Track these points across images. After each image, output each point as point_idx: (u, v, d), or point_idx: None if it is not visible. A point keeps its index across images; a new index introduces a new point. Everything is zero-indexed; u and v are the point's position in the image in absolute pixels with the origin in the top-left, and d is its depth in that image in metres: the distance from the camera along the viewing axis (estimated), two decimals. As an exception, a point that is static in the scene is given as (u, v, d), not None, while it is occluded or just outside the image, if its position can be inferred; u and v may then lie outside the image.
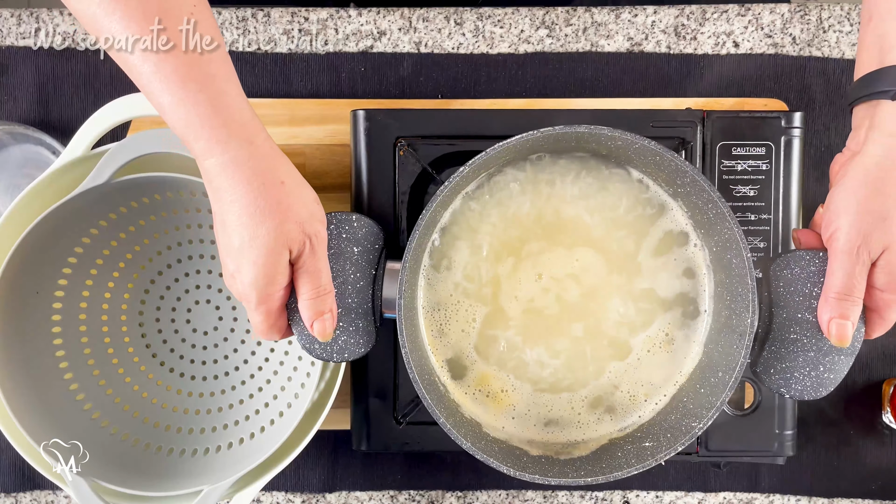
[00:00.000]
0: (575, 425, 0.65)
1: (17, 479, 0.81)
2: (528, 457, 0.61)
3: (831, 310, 0.55)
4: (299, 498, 0.81)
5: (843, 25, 0.80)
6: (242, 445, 0.73)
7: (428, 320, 0.65)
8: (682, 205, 0.64)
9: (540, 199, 0.65)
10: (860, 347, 0.57)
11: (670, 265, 0.65)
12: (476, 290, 0.65)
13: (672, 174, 0.61)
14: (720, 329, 0.63)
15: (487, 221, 0.65)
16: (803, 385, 0.57)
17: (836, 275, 0.55)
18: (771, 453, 0.71)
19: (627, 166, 0.65)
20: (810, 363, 0.57)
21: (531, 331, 0.65)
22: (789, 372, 0.57)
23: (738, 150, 0.70)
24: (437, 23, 0.81)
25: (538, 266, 0.65)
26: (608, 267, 0.65)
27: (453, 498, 0.81)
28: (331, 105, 0.79)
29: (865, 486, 0.81)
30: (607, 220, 0.65)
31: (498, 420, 0.65)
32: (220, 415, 0.76)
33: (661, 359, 0.65)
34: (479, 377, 0.65)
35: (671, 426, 0.61)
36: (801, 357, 0.57)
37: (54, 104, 0.80)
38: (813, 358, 0.57)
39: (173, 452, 0.73)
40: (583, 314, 0.65)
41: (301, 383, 0.74)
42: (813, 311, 0.56)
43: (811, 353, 0.57)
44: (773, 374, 0.58)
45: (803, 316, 0.57)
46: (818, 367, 0.57)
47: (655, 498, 0.81)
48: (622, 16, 0.81)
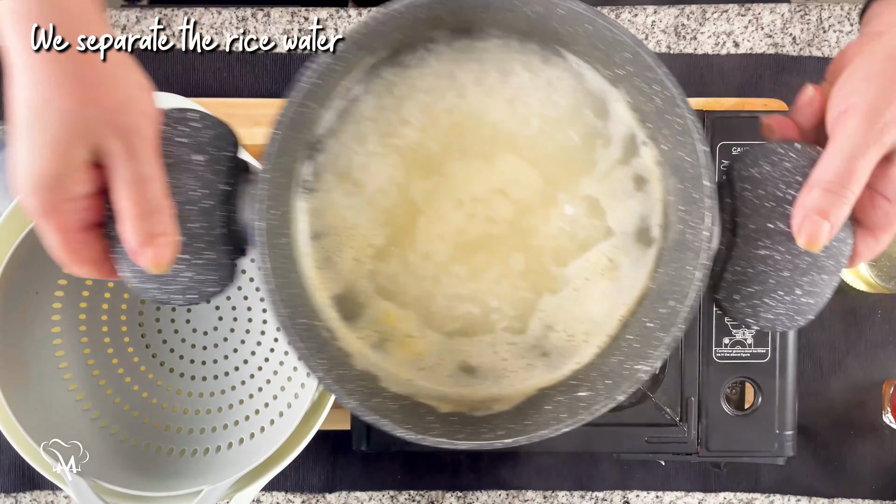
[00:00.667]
0: (499, 375, 0.52)
1: (17, 479, 0.81)
2: (434, 415, 0.50)
3: (812, 202, 0.42)
4: (299, 498, 0.81)
5: (843, 25, 0.80)
6: (242, 445, 0.73)
7: (312, 249, 0.52)
8: (626, 93, 0.51)
9: (450, 96, 0.52)
10: (847, 264, 0.45)
11: (616, 173, 0.52)
12: (376, 209, 0.52)
13: (609, 50, 0.48)
14: (673, 248, 0.51)
15: (386, 123, 0.51)
16: (775, 313, 0.46)
17: (834, 159, 0.42)
18: (771, 453, 0.71)
19: (557, 47, 0.51)
20: (784, 285, 0.45)
21: (445, 257, 0.52)
22: (758, 297, 0.45)
23: (738, 150, 0.70)
24: (437, 23, 0.81)
25: (453, 181, 0.52)
26: (543, 180, 0.52)
27: (453, 498, 0.81)
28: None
29: (865, 486, 0.81)
30: (538, 118, 0.52)
31: (403, 371, 0.52)
32: (220, 415, 0.76)
33: (604, 289, 0.52)
34: (378, 316, 0.52)
35: (612, 370, 0.50)
36: (773, 278, 0.45)
37: (54, 104, 0.80)
38: (787, 278, 0.45)
39: (173, 452, 0.73)
40: (510, 240, 0.52)
41: (301, 383, 0.74)
42: (787, 218, 0.44)
43: (785, 272, 0.45)
44: (737, 301, 0.46)
45: (775, 226, 0.45)
46: (794, 289, 0.45)
47: (655, 498, 0.81)
48: (622, 16, 0.81)
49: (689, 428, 0.71)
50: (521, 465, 0.81)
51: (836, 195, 0.42)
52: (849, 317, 0.80)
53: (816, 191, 0.43)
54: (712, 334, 0.71)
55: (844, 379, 0.80)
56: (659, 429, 0.71)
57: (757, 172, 0.45)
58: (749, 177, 0.45)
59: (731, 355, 0.71)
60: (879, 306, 0.80)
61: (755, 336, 0.71)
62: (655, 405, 0.71)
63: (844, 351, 0.80)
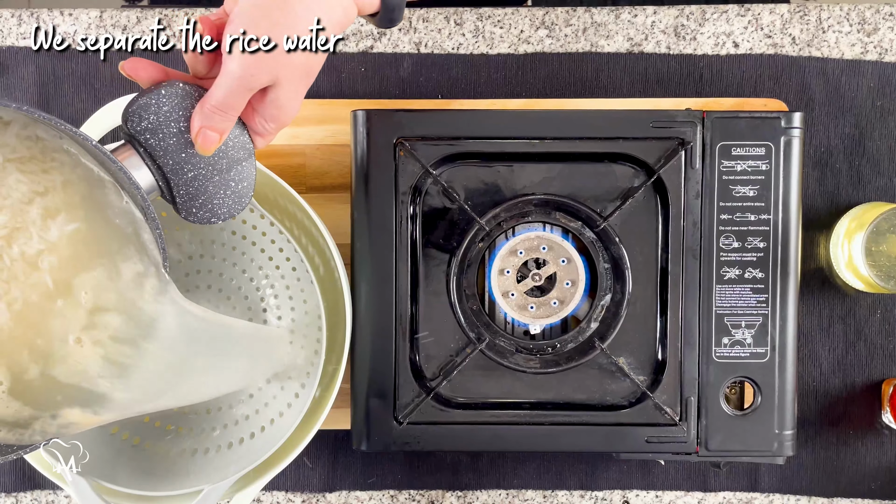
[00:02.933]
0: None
1: (18, 479, 0.81)
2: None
3: (203, 119, 0.54)
4: (299, 498, 0.81)
5: (843, 26, 0.80)
6: (242, 445, 0.73)
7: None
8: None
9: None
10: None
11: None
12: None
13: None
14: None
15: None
16: (228, 205, 0.58)
17: (220, 88, 0.53)
18: (770, 453, 0.71)
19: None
20: (220, 185, 0.57)
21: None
22: (209, 202, 0.57)
23: (737, 151, 0.70)
24: (437, 23, 0.81)
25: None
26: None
27: (453, 498, 0.81)
28: (331, 105, 0.79)
29: (865, 485, 0.81)
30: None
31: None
32: (220, 415, 0.76)
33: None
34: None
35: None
36: (210, 186, 0.57)
37: (54, 104, 0.80)
38: (219, 181, 0.57)
39: (173, 452, 0.73)
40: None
41: (301, 383, 0.74)
42: (192, 145, 0.55)
43: (215, 177, 0.57)
44: (196, 211, 0.57)
45: (188, 155, 0.55)
46: (228, 184, 0.57)
47: (655, 498, 0.81)
48: (622, 16, 0.81)
49: (688, 427, 0.71)
50: (521, 465, 0.81)
51: (222, 115, 0.54)
52: (849, 317, 0.80)
53: (207, 111, 0.54)
54: (712, 334, 0.71)
55: (844, 379, 0.80)
56: (659, 428, 0.71)
57: (155, 119, 0.55)
58: (149, 128, 0.55)
59: (730, 355, 0.71)
60: (879, 306, 0.80)
61: (755, 336, 0.71)
62: (655, 405, 0.71)
63: (844, 351, 0.80)
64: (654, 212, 0.71)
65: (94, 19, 0.80)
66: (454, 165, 0.71)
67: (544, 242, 0.71)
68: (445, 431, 0.71)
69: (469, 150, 0.71)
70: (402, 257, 0.71)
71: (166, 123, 0.55)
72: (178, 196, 0.57)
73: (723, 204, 0.70)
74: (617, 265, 0.72)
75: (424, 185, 0.71)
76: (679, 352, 0.71)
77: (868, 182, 0.80)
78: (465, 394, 0.72)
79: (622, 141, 0.70)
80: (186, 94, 0.55)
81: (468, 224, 0.71)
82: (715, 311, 0.71)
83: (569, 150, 0.71)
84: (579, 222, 0.72)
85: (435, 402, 0.71)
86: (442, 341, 0.72)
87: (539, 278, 0.71)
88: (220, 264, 0.76)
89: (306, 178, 0.79)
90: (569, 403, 0.72)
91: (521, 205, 0.72)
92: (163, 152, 0.55)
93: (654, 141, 0.70)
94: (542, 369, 0.72)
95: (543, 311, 0.71)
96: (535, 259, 0.71)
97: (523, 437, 0.72)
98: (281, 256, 0.75)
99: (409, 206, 0.70)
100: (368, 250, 0.70)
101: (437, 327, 0.72)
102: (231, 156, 0.57)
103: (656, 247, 0.71)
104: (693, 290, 0.71)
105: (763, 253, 0.70)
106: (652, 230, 0.71)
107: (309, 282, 0.72)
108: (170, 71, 0.56)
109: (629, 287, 0.71)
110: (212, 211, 0.58)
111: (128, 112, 0.54)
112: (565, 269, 0.71)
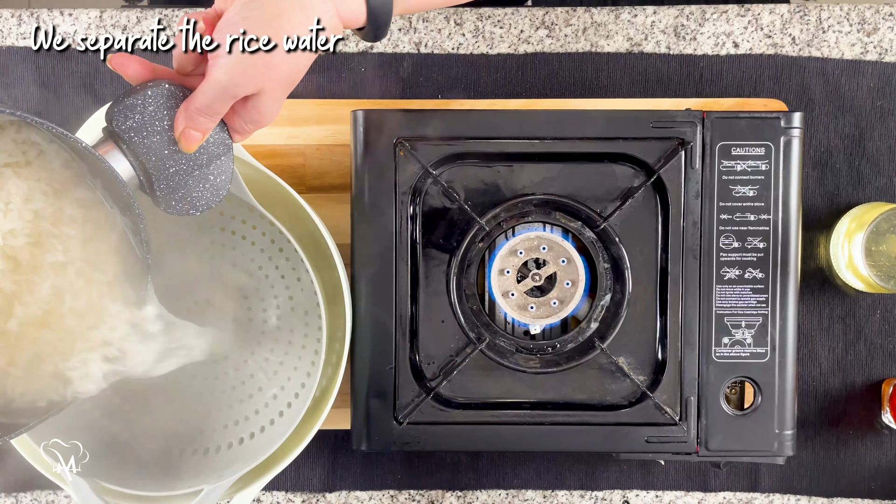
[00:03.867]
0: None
1: (18, 479, 0.81)
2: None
3: (187, 120, 0.55)
4: (299, 498, 0.81)
5: (843, 26, 0.80)
6: (242, 445, 0.73)
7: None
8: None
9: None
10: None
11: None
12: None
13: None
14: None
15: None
16: (206, 197, 0.60)
17: (206, 94, 0.55)
18: (770, 453, 0.71)
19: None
20: (200, 179, 0.59)
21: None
22: (188, 195, 0.59)
23: (737, 151, 0.70)
24: (437, 23, 0.81)
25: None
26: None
27: (453, 498, 0.81)
28: (331, 105, 0.79)
29: (865, 485, 0.81)
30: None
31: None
32: (220, 415, 0.76)
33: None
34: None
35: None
36: (190, 180, 0.58)
37: (54, 104, 0.80)
38: (200, 174, 0.59)
39: (173, 452, 0.73)
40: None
41: (301, 383, 0.74)
42: (175, 142, 0.57)
43: (195, 172, 0.58)
44: (175, 204, 0.59)
45: (170, 151, 0.57)
46: (208, 178, 0.59)
47: (655, 497, 0.81)
48: (622, 16, 0.81)
49: (688, 427, 0.71)
50: (521, 465, 0.81)
51: (205, 117, 0.55)
52: (848, 317, 0.80)
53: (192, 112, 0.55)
54: (712, 334, 0.71)
55: (844, 379, 0.80)
56: (659, 428, 0.71)
57: (140, 118, 0.56)
58: (133, 127, 0.56)
59: (730, 355, 0.71)
60: (879, 306, 0.80)
61: (755, 336, 0.71)
62: (655, 405, 0.71)
63: (844, 351, 0.80)
64: (654, 212, 0.71)
65: (93, 19, 0.80)
66: (454, 165, 0.71)
67: (544, 242, 0.71)
68: (445, 431, 0.71)
69: (469, 150, 0.71)
70: (402, 257, 0.71)
71: (151, 123, 0.56)
72: (158, 190, 0.58)
73: (723, 204, 0.70)
74: (617, 265, 0.72)
75: (424, 185, 0.71)
76: (679, 352, 0.71)
77: (868, 182, 0.80)
78: (465, 394, 0.72)
79: (622, 141, 0.70)
80: (171, 94, 0.56)
81: (468, 224, 0.71)
82: (715, 311, 0.71)
83: (569, 150, 0.71)
84: (579, 222, 0.72)
85: (435, 402, 0.71)
86: (442, 341, 0.72)
87: (539, 278, 0.71)
88: (219, 264, 0.76)
89: (306, 178, 0.79)
90: (569, 403, 0.72)
91: (521, 205, 0.72)
92: (146, 149, 0.57)
93: (654, 141, 0.70)
94: (542, 369, 0.72)
95: (543, 312, 0.71)
96: (534, 259, 0.71)
97: (523, 437, 0.72)
98: (281, 256, 0.75)
99: (408, 206, 0.70)
100: (368, 250, 0.71)
101: (437, 327, 0.72)
102: (211, 152, 0.58)
103: (656, 247, 0.71)
104: (693, 290, 0.71)
105: (763, 253, 0.70)
106: (652, 230, 0.71)
107: (309, 282, 0.72)
108: (156, 67, 0.57)
109: (629, 287, 0.71)
110: (191, 203, 0.59)
111: (113, 111, 0.56)
112: (565, 269, 0.71)
